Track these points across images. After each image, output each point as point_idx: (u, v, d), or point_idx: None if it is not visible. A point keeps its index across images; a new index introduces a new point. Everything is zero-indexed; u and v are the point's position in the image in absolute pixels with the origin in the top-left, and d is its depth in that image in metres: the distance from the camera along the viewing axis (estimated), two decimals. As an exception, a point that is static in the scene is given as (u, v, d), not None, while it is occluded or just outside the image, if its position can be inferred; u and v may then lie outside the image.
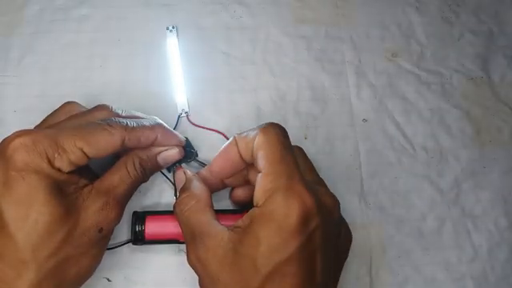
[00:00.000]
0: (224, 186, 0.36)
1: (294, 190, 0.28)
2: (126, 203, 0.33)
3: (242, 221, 0.28)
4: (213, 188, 0.34)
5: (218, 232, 0.29)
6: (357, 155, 0.42)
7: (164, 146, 0.35)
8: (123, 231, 0.37)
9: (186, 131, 0.40)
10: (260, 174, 0.29)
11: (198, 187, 0.33)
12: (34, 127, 0.33)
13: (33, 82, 0.41)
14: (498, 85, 0.45)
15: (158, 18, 0.44)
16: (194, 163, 0.39)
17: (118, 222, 0.32)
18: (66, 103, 0.35)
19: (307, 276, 0.27)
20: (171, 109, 0.41)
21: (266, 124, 0.31)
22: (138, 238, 0.35)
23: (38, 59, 0.42)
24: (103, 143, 0.30)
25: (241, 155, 0.32)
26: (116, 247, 0.36)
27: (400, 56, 0.45)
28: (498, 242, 0.40)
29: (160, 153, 0.35)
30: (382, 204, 0.40)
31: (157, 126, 0.34)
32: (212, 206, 0.32)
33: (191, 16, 0.45)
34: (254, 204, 0.29)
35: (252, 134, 0.30)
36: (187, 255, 0.30)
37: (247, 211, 0.29)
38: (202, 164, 0.38)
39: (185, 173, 0.35)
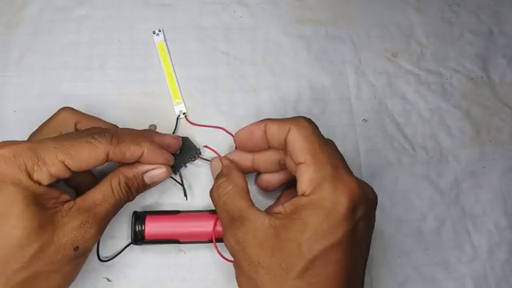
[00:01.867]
0: (253, 170, 0.36)
1: (342, 179, 0.28)
2: (107, 223, 0.32)
3: (284, 207, 0.29)
4: (242, 170, 0.35)
5: (258, 216, 0.29)
6: (357, 155, 0.42)
7: (151, 163, 0.34)
8: (123, 231, 0.37)
9: (186, 131, 0.40)
10: (302, 165, 0.29)
11: (235, 173, 0.33)
12: (30, 135, 0.33)
13: (33, 82, 0.41)
14: (498, 85, 0.45)
15: (158, 18, 0.44)
16: (197, 161, 0.39)
17: (96, 242, 0.31)
18: (61, 109, 0.34)
19: (350, 264, 0.28)
20: (171, 109, 0.41)
21: (296, 117, 0.31)
22: (138, 238, 0.35)
23: (37, 59, 0.42)
24: (86, 157, 0.29)
25: (267, 138, 0.32)
26: (117, 255, 0.36)
27: (400, 56, 0.45)
28: (498, 242, 0.40)
29: (147, 171, 0.34)
30: (382, 204, 0.40)
31: (144, 142, 0.33)
32: (249, 192, 0.32)
33: (191, 16, 0.45)
34: (300, 193, 0.29)
35: (284, 125, 0.31)
36: (225, 239, 0.31)
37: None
38: (208, 161, 0.38)
39: (221, 160, 0.35)
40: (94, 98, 0.41)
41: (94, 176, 0.36)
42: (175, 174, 0.38)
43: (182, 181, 0.38)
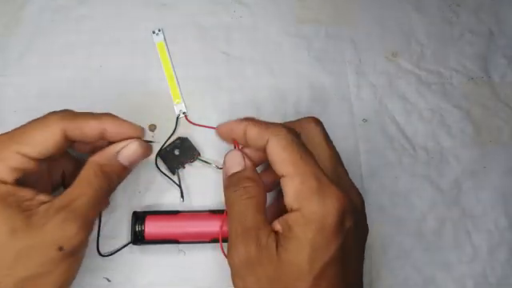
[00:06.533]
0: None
1: (329, 190, 0.28)
2: (92, 217, 0.30)
3: (280, 225, 0.28)
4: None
5: (272, 234, 0.28)
6: (357, 155, 0.42)
7: (119, 139, 0.31)
8: (123, 232, 0.37)
9: (186, 131, 0.40)
10: (285, 178, 0.29)
11: (261, 183, 0.31)
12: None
13: (33, 82, 0.41)
14: (498, 85, 0.45)
15: (158, 17, 0.44)
16: (197, 163, 0.39)
17: (85, 238, 0.29)
18: (48, 113, 0.32)
19: (343, 276, 0.28)
20: (171, 109, 0.41)
21: (276, 126, 0.31)
22: (138, 238, 0.35)
23: (37, 59, 0.42)
24: (39, 138, 0.28)
25: (246, 139, 0.32)
26: (116, 252, 0.36)
27: (400, 56, 0.45)
28: (498, 242, 0.40)
29: (119, 152, 0.31)
30: (382, 204, 0.40)
31: (104, 116, 0.31)
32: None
33: (191, 16, 0.45)
34: (288, 208, 0.28)
35: (263, 133, 0.30)
36: (233, 249, 0.29)
37: None
38: (207, 162, 0.38)
39: (244, 157, 0.33)
40: (94, 97, 0.41)
41: (78, 162, 0.34)
42: (173, 174, 0.38)
43: (179, 181, 0.38)
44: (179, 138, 0.39)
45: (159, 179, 0.39)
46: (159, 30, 0.43)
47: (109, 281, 0.36)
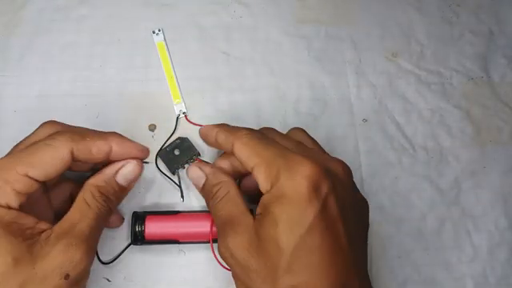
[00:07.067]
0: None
1: (294, 163, 0.28)
2: (95, 240, 0.29)
3: (259, 207, 0.29)
4: (233, 173, 0.34)
5: (246, 220, 0.29)
6: (357, 155, 0.42)
7: (124, 158, 0.32)
8: (123, 232, 0.37)
9: (186, 131, 0.40)
10: (255, 169, 0.29)
11: (224, 178, 0.32)
12: (11, 149, 0.31)
13: (33, 82, 0.41)
14: (498, 85, 0.45)
15: (158, 17, 0.44)
16: None
17: (89, 264, 0.28)
18: (44, 123, 0.32)
19: (333, 246, 0.27)
20: (171, 109, 0.41)
21: (237, 131, 0.32)
22: (138, 238, 0.35)
23: (37, 59, 0.42)
24: (49, 160, 0.27)
25: (218, 145, 0.33)
26: (117, 258, 0.36)
27: (400, 56, 0.45)
28: (498, 242, 0.40)
29: (117, 172, 0.31)
30: (382, 204, 0.40)
31: (110, 135, 0.31)
32: (241, 194, 0.31)
33: (191, 16, 0.45)
34: (264, 192, 0.29)
35: (228, 138, 0.32)
36: (218, 248, 0.30)
37: None
38: (206, 163, 0.38)
39: (201, 168, 0.34)
40: (94, 98, 0.41)
41: (75, 186, 0.33)
42: (173, 174, 0.38)
43: (179, 181, 0.38)
44: (179, 138, 0.39)
45: (159, 179, 0.39)
46: (159, 30, 0.43)
47: (109, 281, 0.36)
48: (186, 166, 0.38)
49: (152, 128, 0.40)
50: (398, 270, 0.39)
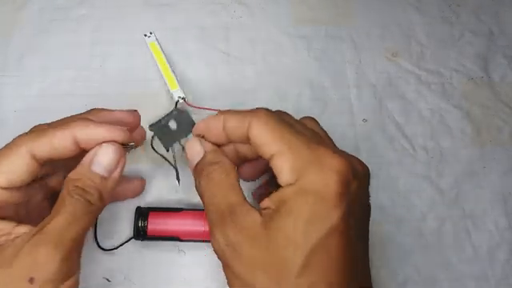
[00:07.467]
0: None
1: (326, 158, 0.25)
2: (73, 241, 0.25)
3: (271, 200, 0.26)
4: None
5: (251, 212, 0.26)
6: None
7: (96, 143, 0.27)
8: (125, 227, 0.37)
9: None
10: (277, 157, 0.26)
11: (226, 161, 0.28)
12: None
13: (33, 82, 0.41)
14: (498, 85, 0.45)
15: (158, 17, 0.44)
16: None
17: (63, 264, 0.25)
18: (17, 136, 0.28)
19: (347, 246, 0.25)
20: (171, 108, 0.41)
21: (255, 110, 0.28)
22: (140, 234, 0.35)
23: (37, 59, 0.42)
24: (7, 166, 0.25)
25: (225, 133, 0.29)
26: (118, 247, 0.36)
27: (400, 56, 0.45)
28: (498, 242, 0.40)
29: (91, 161, 0.27)
30: (382, 204, 0.40)
31: (73, 121, 0.26)
32: (239, 184, 0.28)
33: (191, 16, 0.45)
34: (284, 184, 0.26)
35: (243, 118, 0.28)
36: (213, 239, 0.26)
37: None
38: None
39: (201, 143, 0.30)
40: (94, 98, 0.41)
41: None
42: (167, 151, 0.33)
43: (174, 161, 0.32)
44: (176, 109, 0.34)
45: (163, 175, 0.38)
46: (151, 33, 0.43)
47: (108, 281, 0.36)
48: (184, 141, 0.33)
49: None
50: (398, 269, 0.39)
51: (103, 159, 0.27)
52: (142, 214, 0.36)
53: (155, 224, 0.35)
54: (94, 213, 0.27)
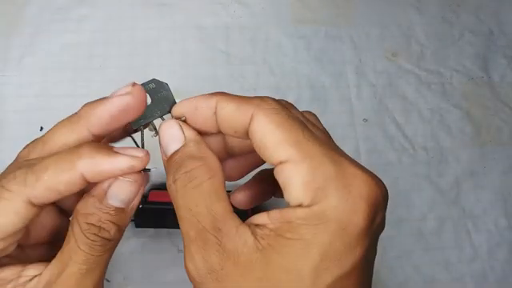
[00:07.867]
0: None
1: (353, 177, 0.20)
2: (93, 284, 0.22)
3: (270, 219, 0.20)
4: None
5: (241, 230, 0.20)
6: (357, 155, 0.42)
7: (110, 177, 0.22)
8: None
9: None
10: (287, 165, 0.20)
11: (211, 157, 0.21)
12: None
13: (33, 82, 0.41)
14: (498, 85, 0.45)
15: (158, 17, 0.44)
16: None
17: None
18: (26, 145, 0.23)
19: (363, 286, 0.21)
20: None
21: (260, 98, 0.21)
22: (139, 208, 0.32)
23: (37, 59, 0.42)
24: (2, 217, 0.20)
25: (216, 120, 0.22)
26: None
27: (400, 56, 0.45)
28: (498, 242, 0.40)
29: (106, 193, 0.22)
30: (382, 204, 0.40)
31: (78, 157, 0.21)
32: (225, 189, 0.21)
33: (191, 16, 0.45)
34: (294, 203, 0.20)
35: (245, 107, 0.21)
36: (190, 262, 0.22)
37: None
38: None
39: (182, 128, 0.23)
40: (94, 98, 0.41)
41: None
42: (135, 130, 0.26)
43: (142, 140, 0.26)
44: (154, 81, 0.27)
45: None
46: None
47: (108, 281, 0.36)
48: (157, 121, 0.26)
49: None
50: (398, 270, 0.39)
51: (120, 192, 0.22)
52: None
53: (155, 197, 0.36)
54: (112, 248, 0.23)
